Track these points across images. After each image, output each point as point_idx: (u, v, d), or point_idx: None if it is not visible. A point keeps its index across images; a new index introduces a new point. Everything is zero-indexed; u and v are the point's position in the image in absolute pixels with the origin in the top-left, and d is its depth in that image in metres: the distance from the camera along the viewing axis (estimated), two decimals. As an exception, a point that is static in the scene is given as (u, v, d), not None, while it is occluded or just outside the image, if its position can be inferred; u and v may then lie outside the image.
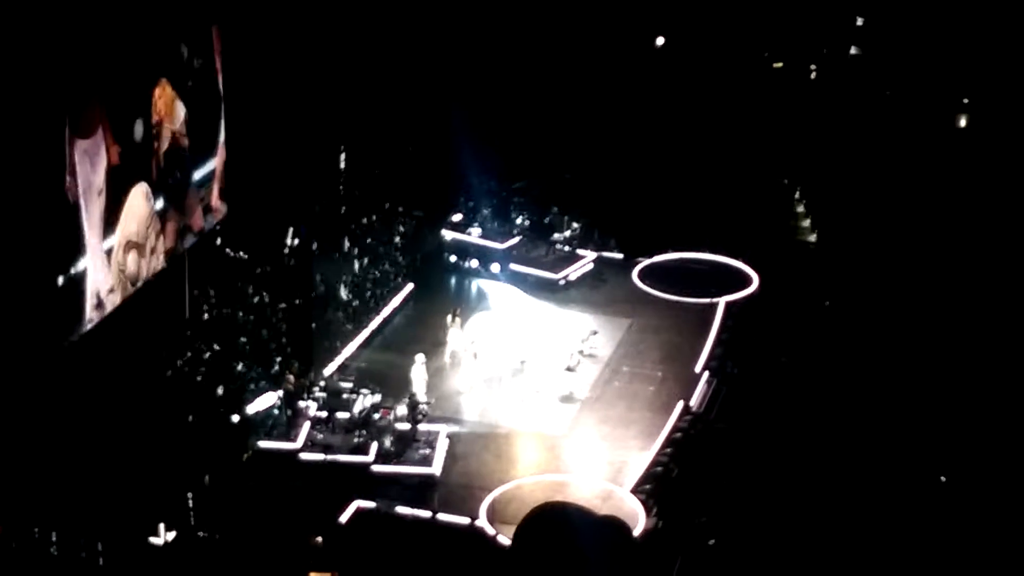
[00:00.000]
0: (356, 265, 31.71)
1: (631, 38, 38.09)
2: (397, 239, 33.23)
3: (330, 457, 26.50)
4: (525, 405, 28.60)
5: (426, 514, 24.95)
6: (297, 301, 29.25)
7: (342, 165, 29.52)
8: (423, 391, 28.10)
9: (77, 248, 21.51)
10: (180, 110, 24.16)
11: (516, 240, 34.76)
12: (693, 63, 40.79)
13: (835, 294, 32.25)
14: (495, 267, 33.75)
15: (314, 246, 29.80)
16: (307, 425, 27.20)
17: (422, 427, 27.30)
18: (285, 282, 29.15)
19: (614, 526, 7.59)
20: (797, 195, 38.13)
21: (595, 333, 31.02)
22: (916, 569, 23.31)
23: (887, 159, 37.51)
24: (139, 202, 23.26)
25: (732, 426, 28.02)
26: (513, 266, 34.03)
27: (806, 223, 37.17)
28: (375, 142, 31.88)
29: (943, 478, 25.50)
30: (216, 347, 26.96)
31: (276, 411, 27.47)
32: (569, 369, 29.99)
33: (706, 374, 29.79)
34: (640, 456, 26.86)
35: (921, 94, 39.94)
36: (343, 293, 31.10)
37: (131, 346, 23.92)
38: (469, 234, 34.68)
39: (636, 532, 23.92)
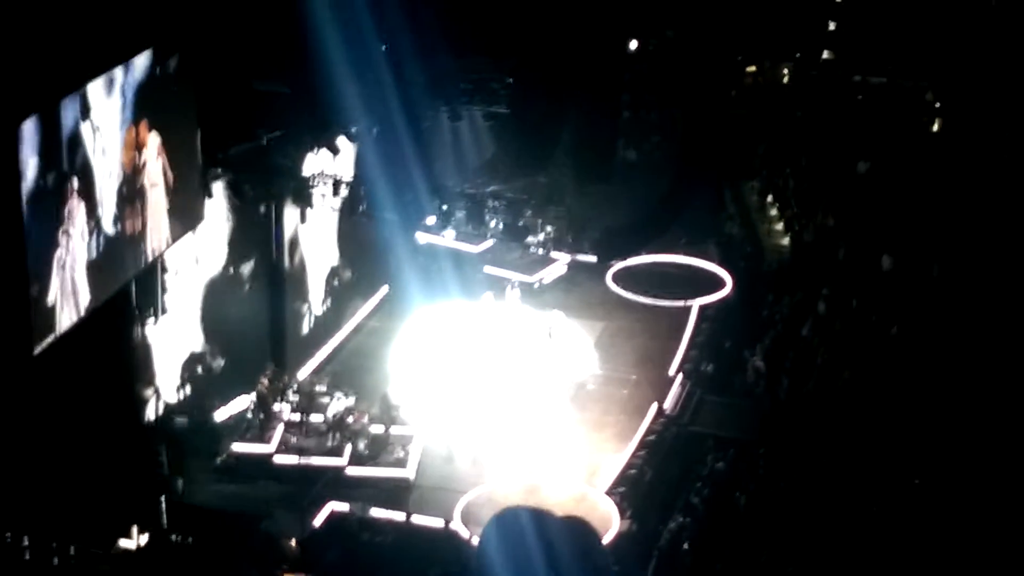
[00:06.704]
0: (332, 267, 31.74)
1: (605, 41, 38.11)
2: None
3: (304, 460, 26.47)
4: (499, 407, 28.60)
5: (401, 517, 24.93)
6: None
7: (322, 169, 29.48)
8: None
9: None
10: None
11: (490, 243, 34.75)
12: (667, 66, 40.92)
13: (809, 295, 32.33)
14: None
15: (288, 249, 29.81)
16: (281, 428, 27.14)
17: (396, 430, 27.28)
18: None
19: (578, 527, 7.57)
20: (770, 198, 38.23)
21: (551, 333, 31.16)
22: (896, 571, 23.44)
23: (859, 161, 37.65)
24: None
25: (707, 429, 28.13)
26: (487, 268, 34.05)
27: (779, 226, 37.26)
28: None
29: (916, 481, 25.62)
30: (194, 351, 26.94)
31: (250, 414, 27.42)
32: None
33: (680, 377, 29.85)
34: (614, 458, 26.90)
35: (893, 97, 40.14)
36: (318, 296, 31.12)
37: (103, 349, 23.80)
38: (443, 237, 34.65)
39: (610, 534, 23.96)
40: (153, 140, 23.76)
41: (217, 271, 27.93)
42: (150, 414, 25.79)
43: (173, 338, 26.51)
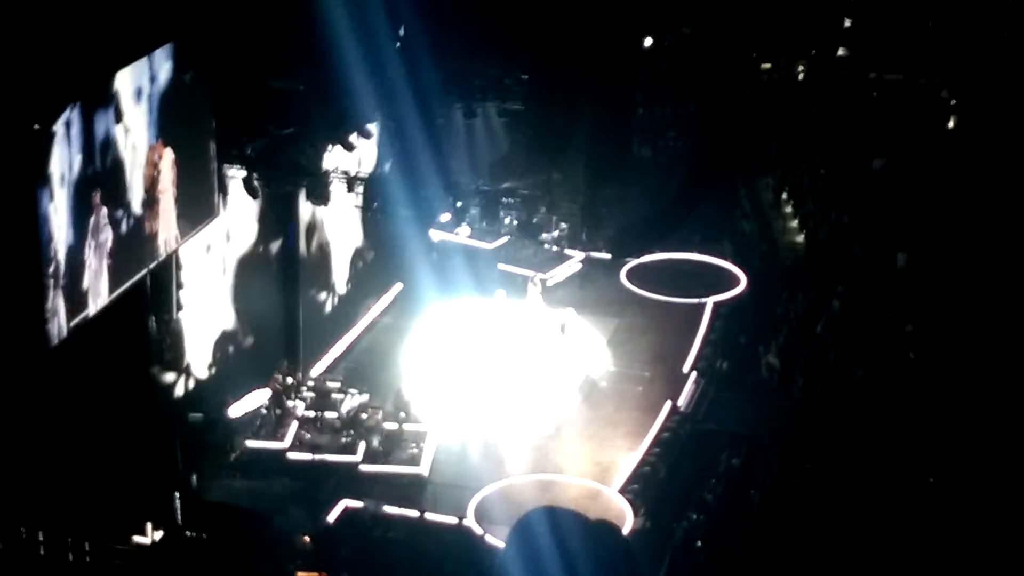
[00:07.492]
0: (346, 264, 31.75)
1: (620, 38, 38.07)
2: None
3: (318, 457, 26.50)
4: (513, 404, 28.59)
5: (414, 514, 24.94)
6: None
7: (336, 166, 29.49)
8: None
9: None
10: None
11: (504, 240, 34.76)
12: (682, 63, 40.84)
13: (824, 293, 32.25)
14: None
15: (303, 244, 29.85)
16: (295, 425, 27.19)
17: (409, 427, 27.30)
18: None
19: (607, 530, 7.56)
20: (785, 195, 38.16)
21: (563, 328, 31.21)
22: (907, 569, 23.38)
23: (875, 158, 37.53)
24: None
25: (721, 426, 28.10)
26: (501, 265, 34.06)
27: (793, 223, 37.19)
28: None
29: (931, 479, 25.56)
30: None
31: (264, 410, 27.46)
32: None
33: (694, 374, 29.82)
34: (628, 456, 26.89)
35: (908, 95, 40.01)
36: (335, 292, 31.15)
37: (118, 345, 23.85)
38: (457, 234, 34.65)
39: (624, 532, 23.95)
40: (168, 154, 23.98)
41: (232, 267, 27.96)
42: (165, 410, 25.82)
43: (188, 334, 26.55)
